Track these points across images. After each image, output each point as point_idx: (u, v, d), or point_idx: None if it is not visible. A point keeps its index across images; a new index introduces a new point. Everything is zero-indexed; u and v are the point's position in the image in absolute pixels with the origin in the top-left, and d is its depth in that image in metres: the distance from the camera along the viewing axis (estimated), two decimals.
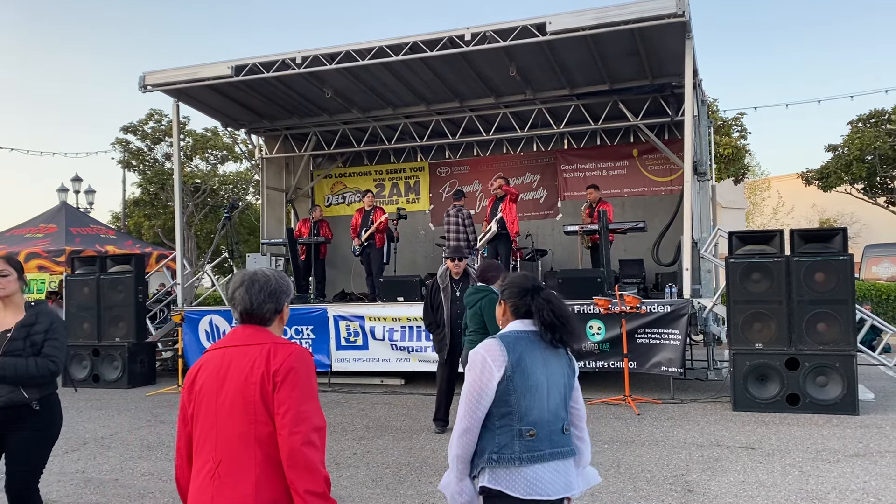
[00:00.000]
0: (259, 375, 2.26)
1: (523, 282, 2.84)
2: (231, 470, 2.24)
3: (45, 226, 15.65)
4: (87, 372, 11.52)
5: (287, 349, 2.34)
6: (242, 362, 2.31)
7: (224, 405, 2.28)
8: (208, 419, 2.31)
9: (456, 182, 15.42)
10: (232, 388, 2.28)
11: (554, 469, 2.63)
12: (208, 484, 2.25)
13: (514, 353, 2.63)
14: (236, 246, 13.97)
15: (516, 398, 2.59)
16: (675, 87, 11.94)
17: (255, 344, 2.35)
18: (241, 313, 2.44)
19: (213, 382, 2.32)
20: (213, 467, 2.26)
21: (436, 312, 7.63)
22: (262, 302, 2.43)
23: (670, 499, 5.19)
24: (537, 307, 2.72)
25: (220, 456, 2.26)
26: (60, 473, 6.32)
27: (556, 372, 2.71)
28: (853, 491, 5.25)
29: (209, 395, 2.32)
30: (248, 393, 2.26)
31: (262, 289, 2.44)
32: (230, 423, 2.27)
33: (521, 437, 2.59)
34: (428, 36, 10.13)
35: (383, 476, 5.96)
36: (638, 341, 9.12)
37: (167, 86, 11.66)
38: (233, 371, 2.31)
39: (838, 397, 7.95)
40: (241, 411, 2.26)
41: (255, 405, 2.25)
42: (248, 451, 2.24)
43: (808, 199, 33.14)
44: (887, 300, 18.34)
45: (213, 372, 2.34)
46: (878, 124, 23.60)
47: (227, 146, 24.09)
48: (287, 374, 2.27)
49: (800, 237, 8.43)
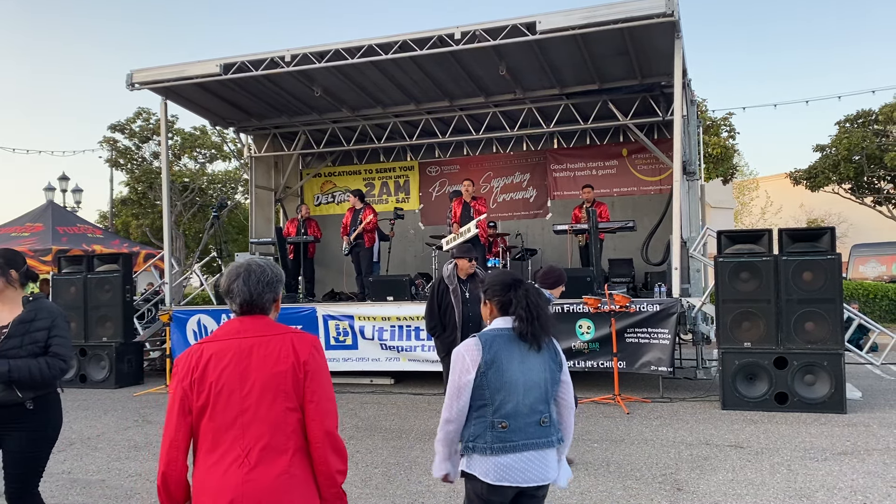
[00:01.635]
0: (290, 365, 2.36)
1: (505, 278, 3.01)
2: (263, 456, 2.30)
3: (32, 225, 15.53)
4: (73, 372, 11.40)
5: (308, 339, 2.47)
6: (266, 352, 2.37)
7: (252, 394, 2.33)
8: (230, 409, 2.33)
9: (446, 181, 15.41)
10: (260, 377, 2.34)
11: (527, 459, 2.81)
12: (235, 471, 2.28)
13: (490, 351, 2.82)
14: (225, 245, 13.92)
15: (490, 393, 2.80)
16: (664, 87, 11.97)
17: (274, 334, 2.42)
18: (242, 304, 2.48)
19: (235, 373, 2.35)
20: (242, 455, 2.30)
21: (444, 315, 7.19)
22: (261, 292, 2.48)
23: (659, 497, 5.20)
24: (516, 300, 2.89)
25: (249, 444, 2.30)
26: (46, 474, 6.21)
27: (535, 367, 2.87)
28: (841, 489, 5.27)
29: (230, 385, 2.33)
30: (279, 382, 2.34)
31: (260, 279, 2.49)
32: (261, 412, 2.32)
33: (493, 429, 2.80)
34: (417, 35, 10.10)
35: (372, 476, 5.94)
36: (627, 340, 9.13)
37: (155, 84, 11.57)
38: (256, 361, 2.36)
39: (826, 396, 7.99)
40: (273, 400, 2.33)
41: (287, 393, 2.35)
42: (281, 437, 2.33)
43: (797, 198, 33.34)
44: (874, 299, 18.48)
45: (233, 363, 2.36)
46: (866, 125, 23.78)
47: (216, 145, 24.00)
48: (316, 363, 2.41)
49: (788, 237, 8.47)
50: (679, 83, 9.77)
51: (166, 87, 11.69)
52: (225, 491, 2.27)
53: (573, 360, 9.42)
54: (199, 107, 13.58)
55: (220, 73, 11.02)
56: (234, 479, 2.28)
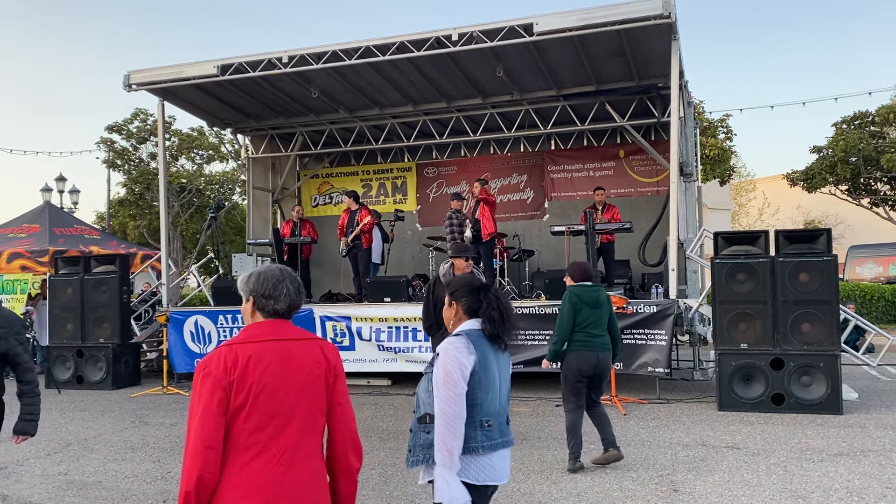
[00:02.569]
0: (324, 369, 2.45)
1: (472, 280, 3.03)
2: (297, 456, 2.34)
3: (29, 226, 15.48)
4: (70, 373, 11.42)
5: (334, 347, 2.59)
6: (303, 355, 2.43)
7: (290, 396, 2.36)
8: (268, 410, 2.32)
9: (443, 182, 15.41)
10: (298, 380, 2.38)
11: (502, 457, 2.88)
12: (269, 471, 2.29)
13: (479, 349, 2.82)
14: (222, 246, 13.89)
15: (480, 393, 2.79)
16: (661, 89, 11.98)
17: (307, 339, 2.49)
18: (288, 306, 2.51)
19: (276, 374, 2.35)
20: (277, 455, 2.31)
21: (439, 313, 7.39)
22: (302, 297, 2.57)
23: (656, 498, 5.20)
24: (488, 302, 2.91)
25: (284, 444, 2.33)
26: (43, 475, 6.25)
27: (504, 367, 2.95)
28: (837, 490, 5.28)
29: (271, 386, 2.34)
30: (316, 385, 2.42)
31: (300, 284, 2.58)
32: (297, 414, 2.37)
33: (482, 428, 2.79)
34: (415, 36, 10.11)
35: (369, 477, 5.94)
36: (624, 341, 9.12)
37: (152, 85, 11.56)
38: (295, 364, 2.40)
39: (822, 397, 8.01)
40: (309, 402, 2.40)
41: (321, 397, 2.44)
42: (313, 438, 2.41)
43: (793, 200, 33.40)
44: (871, 300, 18.51)
45: (274, 364, 2.36)
46: (862, 126, 23.80)
47: (213, 146, 23.98)
48: (342, 368, 2.55)
49: (785, 238, 8.49)
50: (676, 85, 9.78)
51: (164, 88, 11.68)
52: (259, 490, 2.26)
53: None
54: (197, 108, 13.57)
55: (217, 75, 11.02)
56: (269, 478, 2.28)
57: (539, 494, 5.37)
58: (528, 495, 5.35)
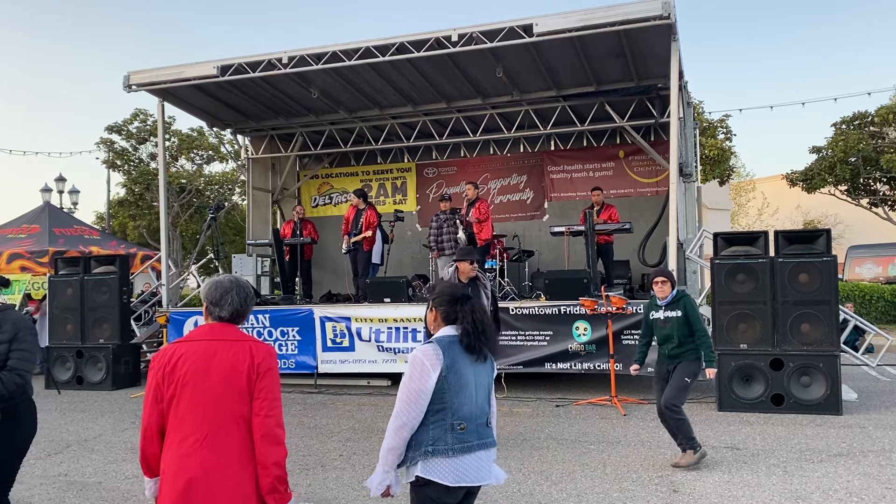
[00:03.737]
0: (246, 367, 2.74)
1: (453, 291, 3.16)
2: (217, 441, 2.68)
3: (29, 226, 15.49)
4: (70, 374, 11.42)
5: (265, 348, 2.84)
6: (227, 354, 2.76)
7: (212, 388, 2.71)
8: (193, 400, 2.72)
9: (443, 183, 15.41)
10: (219, 375, 2.72)
11: (479, 459, 2.99)
12: (195, 451, 2.67)
13: (449, 355, 2.97)
14: (222, 247, 13.88)
15: (450, 396, 2.94)
16: (660, 89, 11.99)
17: (237, 340, 2.82)
18: (231, 313, 2.89)
19: (199, 369, 2.74)
20: (200, 438, 2.68)
21: None
22: (247, 305, 2.93)
23: (656, 499, 5.21)
24: (462, 314, 3.06)
25: (206, 430, 2.69)
26: (43, 476, 6.25)
27: (481, 371, 3.08)
28: (836, 490, 5.29)
29: (195, 379, 2.73)
30: (236, 380, 2.72)
31: (248, 294, 2.95)
32: (218, 404, 2.71)
33: (453, 431, 2.94)
34: (415, 36, 10.11)
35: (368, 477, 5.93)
36: (624, 342, 9.15)
37: (152, 85, 11.56)
38: (218, 361, 2.74)
39: (822, 397, 8.02)
40: (228, 395, 2.71)
41: (241, 391, 2.72)
42: (232, 427, 2.70)
43: (793, 200, 33.41)
44: (870, 301, 18.52)
45: (199, 361, 2.75)
46: (862, 126, 23.79)
47: (213, 146, 23.96)
48: (267, 368, 2.78)
49: (784, 238, 8.50)
50: (675, 85, 9.78)
51: (163, 88, 11.68)
52: (184, 470, 2.65)
53: (570, 363, 9.44)
54: (197, 108, 13.57)
55: (217, 75, 11.02)
56: (193, 460, 2.66)
57: (539, 495, 5.37)
58: (529, 496, 5.36)
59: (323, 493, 5.58)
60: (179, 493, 2.64)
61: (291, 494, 2.76)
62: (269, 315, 10.87)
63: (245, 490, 2.67)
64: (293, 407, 9.36)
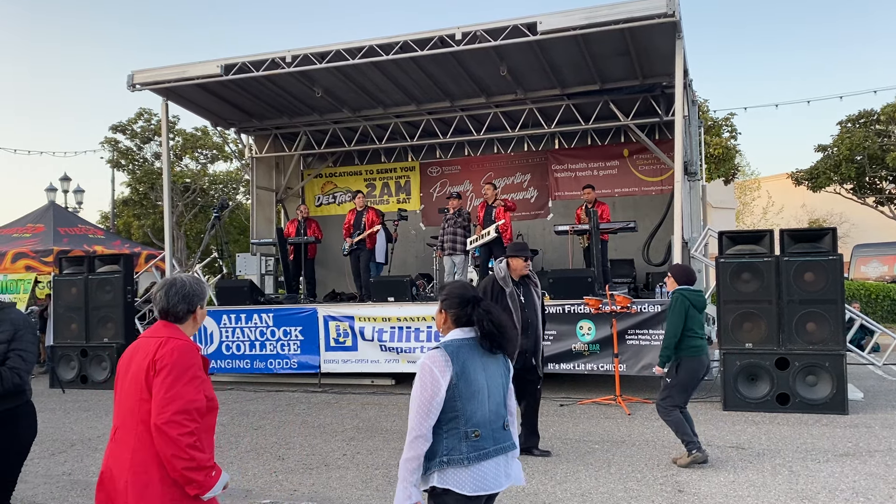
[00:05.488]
0: (147, 363, 2.78)
1: (464, 292, 3.00)
2: (123, 436, 2.82)
3: (33, 225, 15.51)
4: (74, 373, 11.43)
5: (173, 343, 2.81)
6: (143, 351, 2.85)
7: (125, 384, 2.86)
8: (117, 395, 2.91)
9: (447, 182, 15.40)
10: (132, 371, 2.84)
11: (496, 464, 2.88)
12: (111, 443, 2.87)
13: (458, 361, 2.83)
14: (226, 246, 13.90)
15: (462, 403, 2.81)
16: (665, 88, 11.95)
17: (155, 337, 2.87)
18: (160, 312, 2.94)
19: (124, 365, 2.91)
20: (114, 432, 2.87)
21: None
22: (176, 303, 2.91)
23: (660, 499, 5.18)
24: (478, 317, 2.92)
25: (117, 424, 2.86)
26: (47, 476, 6.26)
27: (495, 373, 2.95)
28: (843, 490, 5.26)
29: (121, 375, 2.91)
30: (139, 377, 2.79)
31: (178, 292, 2.93)
32: (126, 399, 2.84)
33: (468, 439, 2.81)
34: (418, 35, 10.09)
35: (373, 477, 5.93)
36: (628, 342, 9.12)
37: (156, 85, 11.57)
38: (136, 357, 2.86)
39: (828, 397, 7.98)
40: (134, 391, 2.81)
41: (141, 387, 2.78)
42: (132, 423, 2.79)
43: (798, 199, 33.30)
44: (876, 300, 18.44)
45: (126, 358, 2.92)
46: (867, 125, 23.73)
47: (217, 145, 24.00)
48: (164, 363, 2.75)
49: (789, 237, 8.45)
50: (680, 84, 9.75)
51: (167, 87, 11.69)
52: (104, 460, 2.88)
53: (574, 363, 9.41)
54: (201, 107, 13.58)
55: (220, 74, 11.01)
56: (108, 451, 2.86)
57: (544, 495, 5.35)
58: (533, 496, 5.34)
59: (326, 492, 5.57)
60: (98, 481, 2.88)
61: (214, 479, 2.75)
62: (272, 314, 10.87)
63: (131, 490, 2.71)
64: (297, 406, 9.36)
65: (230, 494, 5.39)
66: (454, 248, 11.34)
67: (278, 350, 10.80)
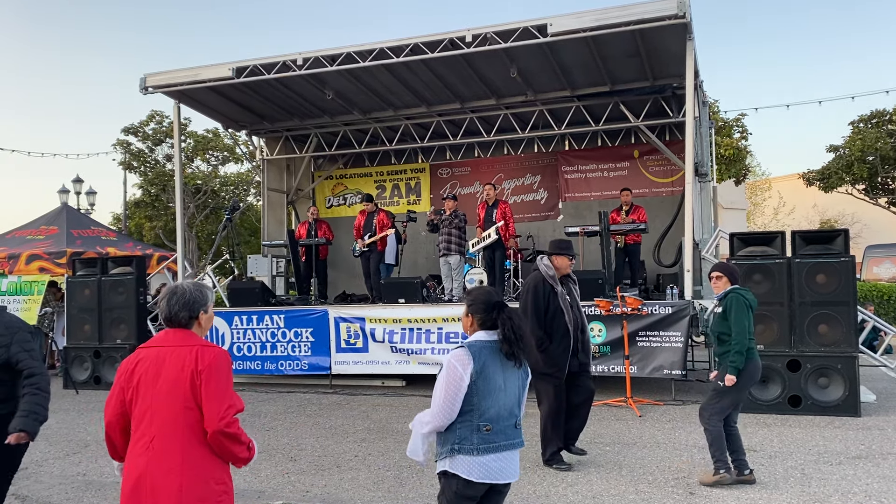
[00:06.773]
0: (189, 372, 2.83)
1: (489, 297, 3.29)
2: (163, 445, 2.81)
3: (47, 227, 15.63)
4: (88, 374, 11.51)
5: (211, 352, 2.91)
6: (174, 360, 2.87)
7: (160, 393, 2.85)
8: (145, 403, 2.86)
9: (457, 183, 15.42)
10: (166, 380, 2.85)
11: (504, 458, 3.18)
12: (143, 453, 2.82)
13: (479, 360, 3.13)
14: (237, 247, 13.98)
15: (478, 399, 3.12)
16: (675, 89, 11.93)
17: (184, 346, 2.91)
18: (164, 320, 3.01)
19: (150, 374, 2.88)
20: (148, 441, 2.82)
21: (552, 322, 6.10)
22: (178, 310, 2.97)
23: (672, 501, 5.18)
24: (501, 322, 3.19)
25: (153, 433, 2.82)
26: (62, 476, 6.31)
27: (512, 376, 3.22)
28: (856, 493, 5.24)
29: (146, 384, 2.87)
30: (180, 385, 2.83)
31: (179, 300, 2.99)
32: (164, 408, 2.83)
33: (479, 432, 3.12)
34: (429, 37, 10.13)
35: (384, 478, 5.95)
36: (639, 344, 9.09)
37: (168, 87, 11.66)
38: (167, 367, 2.86)
39: (840, 399, 7.94)
40: (174, 399, 2.83)
41: (186, 395, 2.82)
42: (175, 432, 2.81)
43: (809, 199, 33.11)
44: (888, 301, 18.31)
45: (150, 366, 2.89)
46: (880, 125, 23.58)
47: (228, 147, 24.11)
48: (212, 371, 2.84)
49: (801, 239, 8.42)
50: (691, 84, 9.73)
51: (179, 90, 11.77)
52: (135, 469, 2.83)
53: None
54: (212, 110, 13.66)
55: (232, 77, 11.08)
56: (141, 461, 2.82)
57: (555, 497, 5.36)
58: (545, 497, 5.35)
59: (338, 493, 5.60)
60: (130, 491, 2.85)
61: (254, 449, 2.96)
62: (283, 316, 10.91)
63: (187, 494, 2.78)
64: (308, 407, 9.40)
65: (243, 496, 5.43)
66: (449, 248, 11.32)
67: (289, 351, 10.84)
